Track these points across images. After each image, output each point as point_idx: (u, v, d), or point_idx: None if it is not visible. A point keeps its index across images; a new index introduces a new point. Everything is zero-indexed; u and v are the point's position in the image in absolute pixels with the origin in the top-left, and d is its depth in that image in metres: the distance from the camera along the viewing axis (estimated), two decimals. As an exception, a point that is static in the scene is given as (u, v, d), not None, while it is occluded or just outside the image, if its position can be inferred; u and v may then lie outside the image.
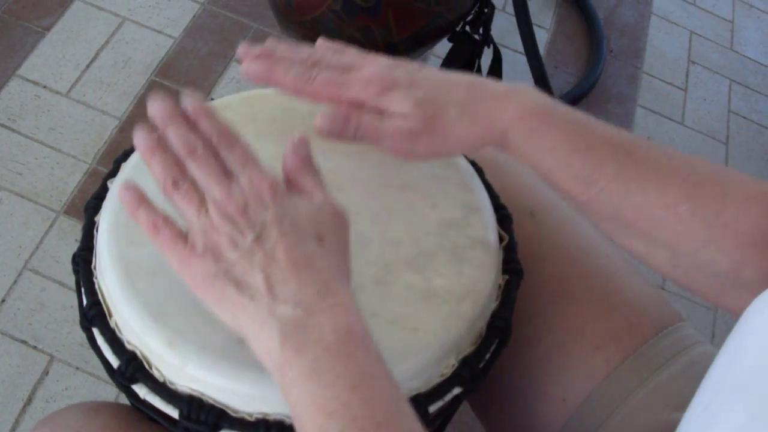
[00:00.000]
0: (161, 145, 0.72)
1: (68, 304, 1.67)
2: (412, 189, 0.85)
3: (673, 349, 0.93)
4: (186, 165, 0.71)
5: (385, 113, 0.78)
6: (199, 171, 0.70)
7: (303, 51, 0.83)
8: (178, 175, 0.70)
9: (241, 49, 0.83)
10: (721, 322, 2.03)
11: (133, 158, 0.86)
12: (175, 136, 0.72)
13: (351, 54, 0.83)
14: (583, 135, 0.76)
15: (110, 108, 1.96)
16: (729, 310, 0.77)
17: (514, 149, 0.78)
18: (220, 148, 0.72)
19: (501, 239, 0.86)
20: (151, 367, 0.74)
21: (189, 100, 0.74)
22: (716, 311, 2.05)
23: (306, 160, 0.74)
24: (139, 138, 0.72)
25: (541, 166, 0.78)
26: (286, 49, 0.83)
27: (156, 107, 0.74)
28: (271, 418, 0.72)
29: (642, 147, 0.76)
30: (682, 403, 0.86)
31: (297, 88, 0.80)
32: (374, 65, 0.81)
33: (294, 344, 0.63)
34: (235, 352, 0.71)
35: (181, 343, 0.72)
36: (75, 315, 1.60)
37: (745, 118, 2.49)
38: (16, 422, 1.54)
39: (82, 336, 1.55)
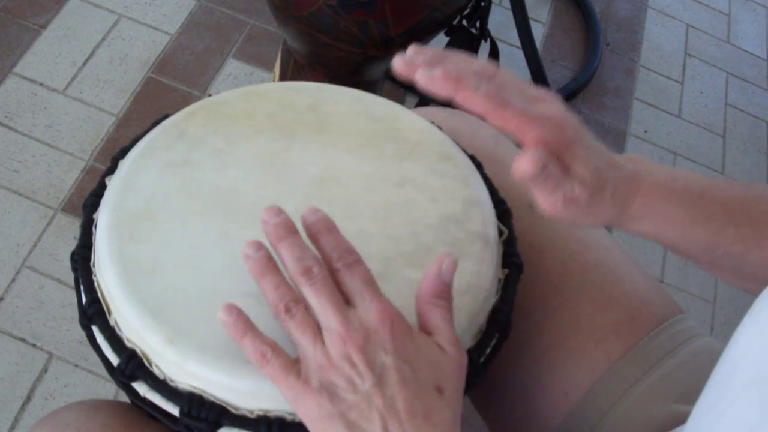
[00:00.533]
0: (272, 264, 0.70)
1: (67, 301, 1.67)
2: (412, 184, 0.85)
3: (674, 341, 0.93)
4: (300, 288, 0.68)
5: (565, 168, 0.72)
6: (314, 296, 0.67)
7: (476, 63, 0.72)
8: (292, 301, 0.68)
9: (409, 52, 0.72)
10: (719, 315, 2.04)
11: (131, 155, 0.85)
12: (289, 254, 0.69)
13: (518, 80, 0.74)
14: (701, 205, 0.76)
15: (107, 105, 1.96)
16: None
17: (635, 228, 0.77)
18: (341, 268, 0.69)
19: (501, 233, 0.86)
20: (151, 365, 0.74)
21: (312, 213, 0.71)
22: (715, 304, 2.05)
23: (445, 290, 0.71)
24: (250, 252, 0.70)
25: (663, 239, 0.78)
26: (457, 58, 0.72)
27: (270, 219, 0.71)
28: (271, 414, 0.71)
29: (753, 201, 0.77)
30: (683, 395, 0.86)
31: (487, 109, 0.69)
32: (558, 104, 0.73)
33: None
34: (236, 349, 0.70)
35: (181, 341, 0.72)
36: (74, 312, 1.60)
37: (742, 110, 2.50)
38: (15, 420, 1.53)
39: (81, 333, 1.56)
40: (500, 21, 2.34)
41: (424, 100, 2.04)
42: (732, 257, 0.76)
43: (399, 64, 0.70)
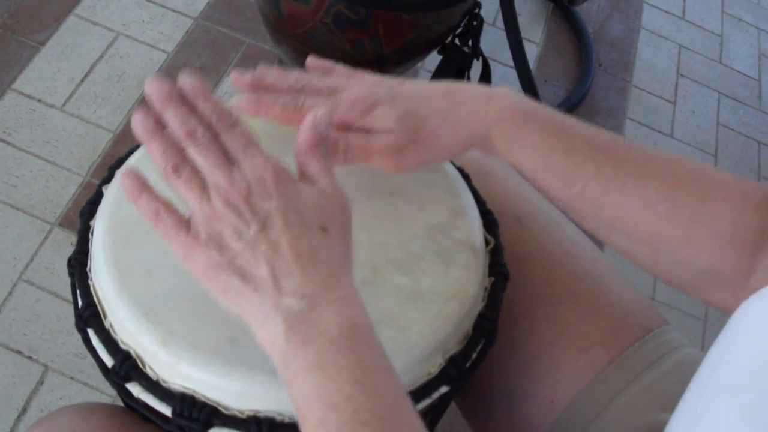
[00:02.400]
0: (160, 128, 0.71)
1: (63, 314, 1.68)
2: (400, 193, 0.87)
3: (659, 352, 0.95)
4: (186, 149, 0.70)
5: (371, 132, 0.81)
6: (199, 156, 0.69)
7: (291, 76, 0.84)
8: (179, 161, 0.69)
9: (233, 76, 0.84)
10: (710, 332, 2.05)
11: (128, 164, 0.87)
12: (173, 117, 0.71)
13: (338, 74, 0.86)
14: (563, 136, 0.79)
15: (104, 121, 1.97)
16: (711, 304, 0.80)
17: (497, 150, 0.80)
18: (220, 131, 0.70)
19: (487, 243, 0.88)
20: (144, 366, 0.75)
21: (187, 80, 0.73)
22: (705, 321, 2.07)
23: (320, 140, 0.72)
24: (138, 120, 0.71)
25: (523, 166, 0.80)
26: (275, 75, 0.84)
27: (153, 88, 0.72)
28: (262, 415, 0.73)
29: (622, 147, 0.79)
30: (668, 404, 0.87)
31: (286, 116, 0.81)
32: (358, 85, 0.83)
33: (299, 337, 0.63)
34: (227, 350, 0.73)
35: (174, 342, 0.74)
36: (70, 325, 1.62)
37: (733, 130, 2.51)
38: (11, 432, 1.55)
39: (76, 346, 1.58)
40: (494, 40, 2.36)
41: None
42: (590, 197, 0.78)
43: (234, 78, 0.83)
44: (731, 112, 2.56)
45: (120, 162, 0.89)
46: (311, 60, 0.89)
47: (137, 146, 0.89)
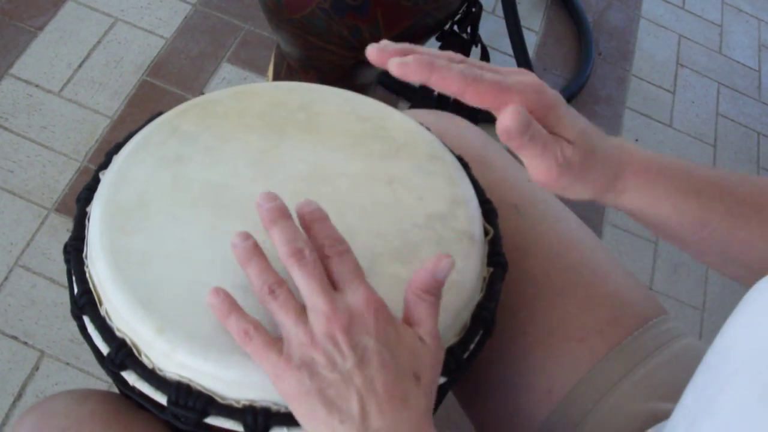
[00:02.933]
0: (258, 251, 0.72)
1: (59, 300, 1.68)
2: (399, 182, 0.86)
3: (658, 341, 0.94)
4: (289, 269, 0.70)
5: (550, 131, 0.73)
6: (303, 277, 0.69)
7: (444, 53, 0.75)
8: (275, 283, 0.69)
9: (384, 43, 0.73)
10: (708, 322, 2.05)
11: (125, 150, 0.86)
12: (281, 236, 0.71)
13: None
14: (691, 181, 0.78)
15: (102, 107, 1.97)
16: None
17: (627, 205, 0.78)
18: (331, 255, 0.71)
19: (486, 232, 0.87)
20: (140, 354, 0.75)
21: (307, 206, 0.74)
22: (704, 311, 2.06)
23: (437, 287, 0.72)
24: (238, 241, 0.72)
25: (657, 215, 0.78)
26: (421, 49, 0.75)
27: (265, 203, 0.73)
28: (257, 405, 0.73)
29: (740, 184, 0.79)
30: (667, 394, 0.87)
31: (463, 85, 0.70)
32: (528, 75, 0.74)
33: None
34: (224, 339, 0.72)
35: (170, 331, 0.73)
36: (66, 311, 1.61)
37: (733, 120, 2.51)
38: (6, 417, 1.54)
39: (72, 332, 1.58)
40: (493, 29, 2.35)
41: (416, 106, 2.05)
42: (720, 235, 0.78)
43: (372, 51, 0.72)
44: (731, 103, 2.56)
45: (118, 147, 0.88)
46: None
47: (135, 130, 0.89)
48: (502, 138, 0.69)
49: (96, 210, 0.81)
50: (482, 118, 0.85)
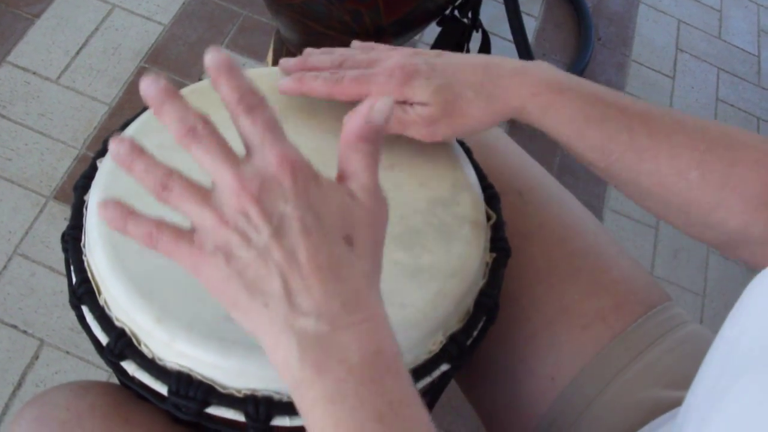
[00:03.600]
0: (138, 150, 0.62)
1: (58, 288, 1.67)
2: (401, 167, 0.86)
3: (662, 328, 0.94)
4: (189, 150, 0.60)
5: (407, 103, 0.83)
6: (202, 154, 0.60)
7: (335, 52, 0.89)
8: (165, 175, 0.61)
9: (281, 63, 0.90)
10: (709, 308, 2.04)
11: (127, 133, 0.85)
12: (171, 118, 0.61)
13: (378, 49, 0.88)
14: (597, 106, 0.79)
15: (100, 94, 1.96)
16: (743, 261, 0.81)
17: (533, 121, 0.82)
18: (239, 114, 0.61)
19: (489, 218, 0.86)
20: (139, 344, 0.74)
21: (214, 55, 0.62)
22: (704, 297, 2.06)
23: (373, 133, 0.63)
24: (113, 148, 0.62)
25: (559, 137, 0.81)
26: (318, 54, 0.90)
27: (149, 87, 0.61)
28: (259, 394, 0.72)
29: (656, 115, 0.79)
30: (672, 381, 0.87)
31: (327, 90, 0.84)
32: (397, 56, 0.85)
33: (315, 362, 0.57)
34: (224, 328, 0.71)
35: (170, 320, 0.73)
36: (65, 299, 1.59)
37: (732, 105, 2.50)
38: (6, 407, 1.54)
39: (72, 320, 1.57)
40: (492, 14, 2.34)
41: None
42: (626, 166, 0.80)
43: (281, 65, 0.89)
44: (730, 88, 2.55)
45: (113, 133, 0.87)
46: (356, 42, 0.92)
47: (133, 117, 0.88)
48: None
49: (94, 198, 0.81)
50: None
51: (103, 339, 0.76)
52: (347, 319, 0.58)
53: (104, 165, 0.83)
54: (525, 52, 2.15)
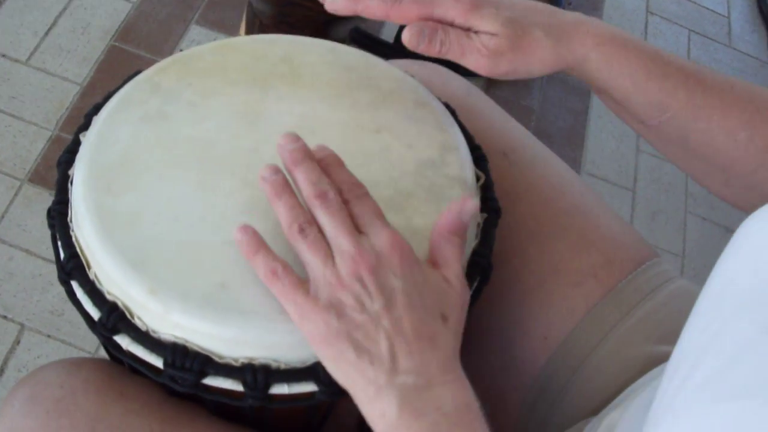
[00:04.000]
0: (288, 187, 0.72)
1: (37, 272, 1.65)
2: (388, 131, 0.85)
3: (652, 284, 0.94)
4: (314, 211, 0.70)
5: (472, 30, 0.78)
6: (328, 219, 0.69)
7: None
8: (306, 222, 0.69)
9: None
10: (688, 268, 2.05)
11: (105, 110, 0.84)
12: (305, 176, 0.71)
13: None
14: (658, 63, 0.78)
15: (71, 74, 1.94)
16: None
17: (591, 74, 0.80)
18: (351, 199, 0.71)
19: (477, 178, 0.86)
20: (133, 317, 0.73)
21: (322, 151, 0.75)
22: (683, 258, 2.07)
23: (461, 228, 0.73)
24: (267, 174, 0.72)
25: (618, 90, 0.80)
26: None
27: (286, 143, 0.73)
28: (256, 362, 0.71)
29: (708, 75, 0.79)
30: (664, 336, 0.87)
31: (384, 11, 0.78)
32: None
33: (413, 409, 0.64)
34: (219, 296, 0.70)
35: (163, 291, 0.71)
36: (45, 282, 1.59)
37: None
38: (-10, 392, 1.53)
39: (52, 303, 1.56)
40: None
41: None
42: (679, 124, 0.79)
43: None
44: (702, 49, 2.55)
45: (97, 108, 0.86)
46: None
47: (114, 89, 0.87)
48: (410, 46, 0.76)
49: (79, 172, 0.79)
50: (464, 71, 0.85)
51: (95, 314, 0.75)
52: (442, 378, 0.65)
53: (88, 138, 0.82)
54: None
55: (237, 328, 0.70)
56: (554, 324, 0.93)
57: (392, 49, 2.04)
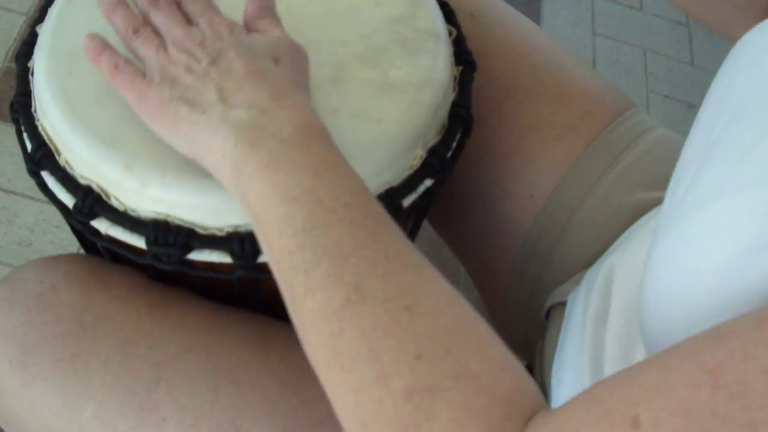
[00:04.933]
0: (123, 2, 0.74)
1: (0, 205, 1.62)
2: (354, -11, 0.83)
3: (634, 132, 0.93)
4: (149, 15, 0.73)
5: None
6: (160, 18, 0.71)
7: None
8: (139, 24, 0.72)
9: None
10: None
11: (59, 1, 0.81)
12: None
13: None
14: None
15: (14, 4, 1.89)
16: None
17: None
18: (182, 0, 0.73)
19: (449, 33, 0.84)
20: (109, 198, 0.71)
21: None
22: (648, 108, 2.06)
23: (267, 7, 0.73)
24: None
25: None
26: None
27: None
28: (242, 230, 0.69)
29: None
30: (651, 183, 0.87)
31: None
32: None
33: (249, 140, 0.62)
34: (197, 166, 0.68)
35: (139, 165, 0.69)
36: (9, 215, 1.56)
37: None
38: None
39: (18, 235, 1.53)
40: None
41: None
42: None
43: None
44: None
45: (51, 1, 0.83)
46: None
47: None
48: None
49: (40, 59, 0.77)
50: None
51: (69, 201, 0.72)
52: (275, 104, 0.64)
53: (45, 27, 0.79)
54: None
55: (219, 195, 0.68)
56: (538, 180, 0.92)
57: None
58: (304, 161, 0.60)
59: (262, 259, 0.70)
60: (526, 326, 0.95)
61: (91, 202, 0.71)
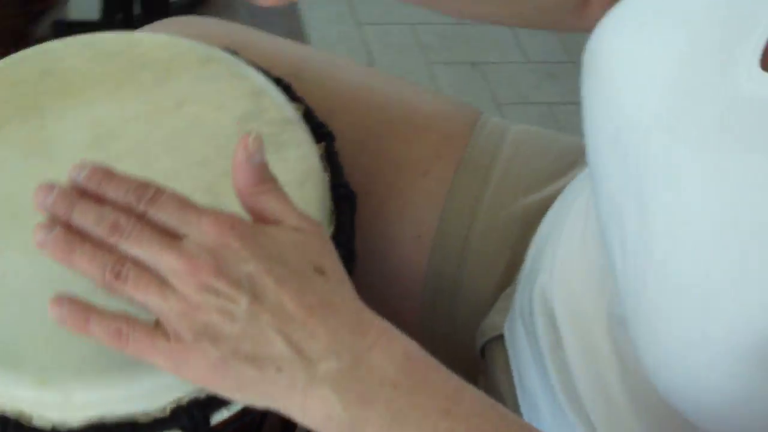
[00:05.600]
0: (75, 236, 0.58)
1: None
2: (189, 102, 0.79)
3: (492, 141, 0.93)
4: (119, 249, 0.57)
5: None
6: (137, 246, 0.56)
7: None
8: (117, 263, 0.56)
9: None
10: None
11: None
12: (87, 221, 0.57)
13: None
14: None
15: None
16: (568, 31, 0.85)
17: None
18: (146, 209, 0.58)
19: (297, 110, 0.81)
20: (31, 420, 0.63)
21: (77, 170, 0.59)
22: (434, 79, 2.09)
23: (265, 171, 0.61)
24: (39, 238, 0.58)
25: None
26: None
27: (46, 198, 0.58)
28: (185, 401, 0.63)
29: None
30: (530, 186, 0.93)
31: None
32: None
33: (358, 397, 0.55)
34: (114, 353, 0.61)
35: (54, 375, 0.63)
36: None
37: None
38: None
39: None
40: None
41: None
42: None
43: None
44: None
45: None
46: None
47: None
48: None
49: None
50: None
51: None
52: (363, 343, 0.56)
53: None
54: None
55: (149, 377, 0.62)
56: (420, 219, 0.91)
57: (103, 25, 1.91)
58: (429, 402, 0.56)
59: (215, 419, 0.64)
60: (458, 364, 0.93)
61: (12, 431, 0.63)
